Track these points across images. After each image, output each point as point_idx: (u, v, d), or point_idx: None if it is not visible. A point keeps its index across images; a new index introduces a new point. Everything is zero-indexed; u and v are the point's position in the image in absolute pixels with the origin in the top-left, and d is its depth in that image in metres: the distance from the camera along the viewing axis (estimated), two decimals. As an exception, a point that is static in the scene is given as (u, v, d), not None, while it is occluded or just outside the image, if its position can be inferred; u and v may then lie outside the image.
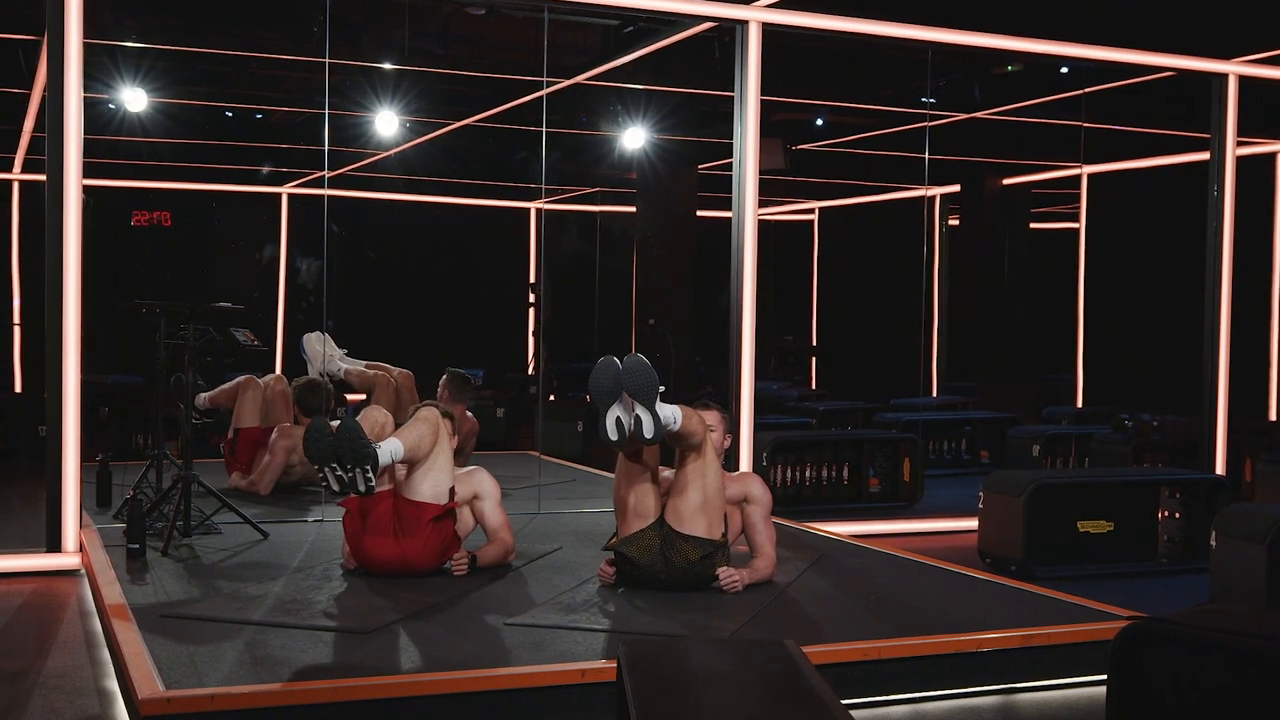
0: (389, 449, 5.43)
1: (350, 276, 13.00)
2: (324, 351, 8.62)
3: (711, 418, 5.72)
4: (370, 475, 5.29)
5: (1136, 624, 3.67)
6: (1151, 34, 8.76)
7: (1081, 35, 8.64)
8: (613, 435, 5.17)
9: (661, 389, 5.16)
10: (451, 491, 5.76)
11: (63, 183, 6.59)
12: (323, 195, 13.00)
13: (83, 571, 6.47)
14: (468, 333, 13.66)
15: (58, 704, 4.47)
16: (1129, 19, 8.71)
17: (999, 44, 8.56)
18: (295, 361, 12.52)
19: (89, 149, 11.06)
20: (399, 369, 8.73)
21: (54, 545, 6.57)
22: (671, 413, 5.18)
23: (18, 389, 12.42)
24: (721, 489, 5.47)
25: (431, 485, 5.69)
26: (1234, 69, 8.98)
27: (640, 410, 5.09)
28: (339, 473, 5.29)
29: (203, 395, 8.27)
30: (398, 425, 6.00)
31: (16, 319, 12.64)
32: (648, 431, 5.10)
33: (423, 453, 5.64)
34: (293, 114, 11.57)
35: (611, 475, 9.37)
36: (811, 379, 16.22)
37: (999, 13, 8.54)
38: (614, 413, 5.15)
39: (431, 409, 5.79)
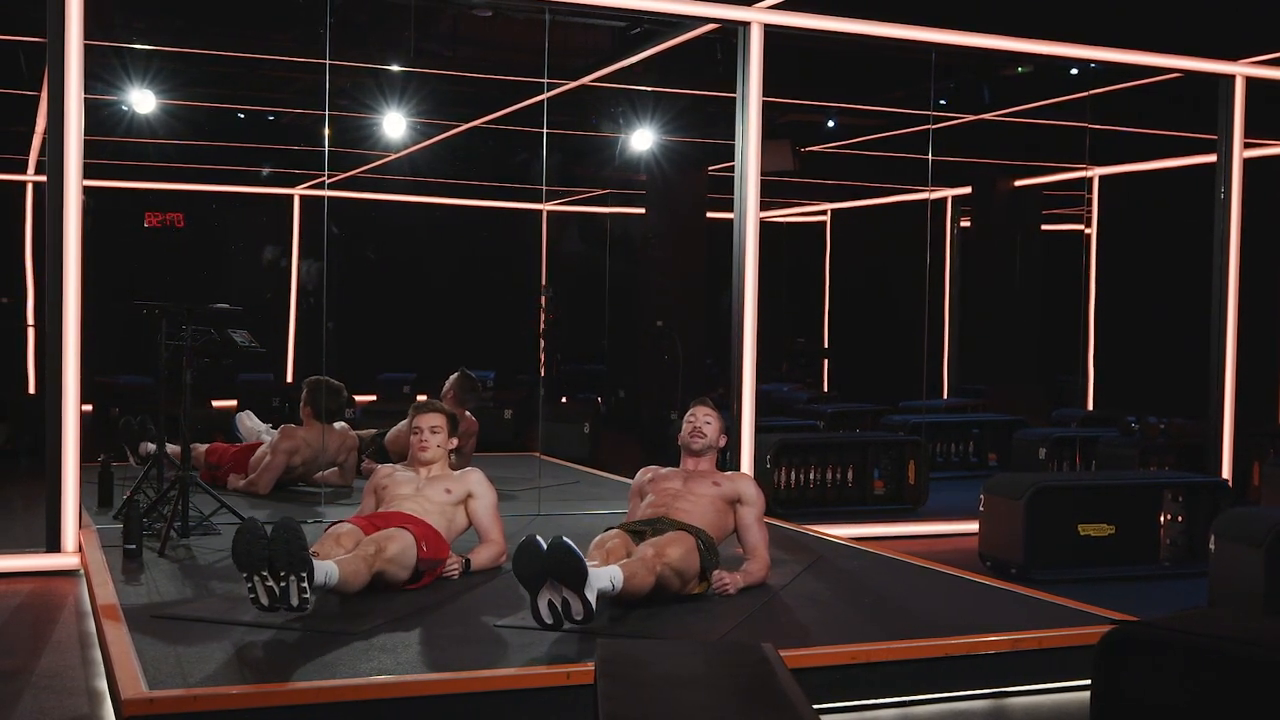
0: (325, 570, 4.93)
1: (359, 278, 13.03)
2: (254, 427, 8.76)
3: (709, 412, 5.75)
4: (306, 588, 4.71)
5: (1120, 628, 3.65)
6: (1158, 35, 8.71)
7: (1087, 36, 8.60)
8: (547, 619, 4.70)
9: (592, 570, 4.71)
10: (417, 550, 5.50)
11: (63, 184, 6.62)
12: (336, 196, 13.12)
13: (82, 572, 6.48)
14: (479, 335, 13.68)
15: (47, 704, 4.49)
16: (1135, 20, 8.67)
17: (1003, 45, 8.52)
18: (306, 364, 12.59)
19: (105, 151, 11.16)
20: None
21: (53, 545, 6.60)
22: (610, 581, 4.80)
23: (31, 390, 12.48)
24: (695, 555, 5.30)
25: (402, 568, 5.42)
26: (1241, 70, 8.92)
27: (568, 594, 4.64)
28: (269, 583, 4.69)
29: (146, 445, 8.27)
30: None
31: (30, 320, 12.71)
32: (577, 615, 4.64)
33: (362, 582, 5.17)
34: (303, 116, 11.62)
35: (614, 477, 9.38)
36: (823, 381, 16.20)
37: (1004, 14, 8.50)
38: (544, 597, 4.68)
39: (365, 545, 5.26)
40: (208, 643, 4.61)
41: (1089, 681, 3.70)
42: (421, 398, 9.02)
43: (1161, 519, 7.34)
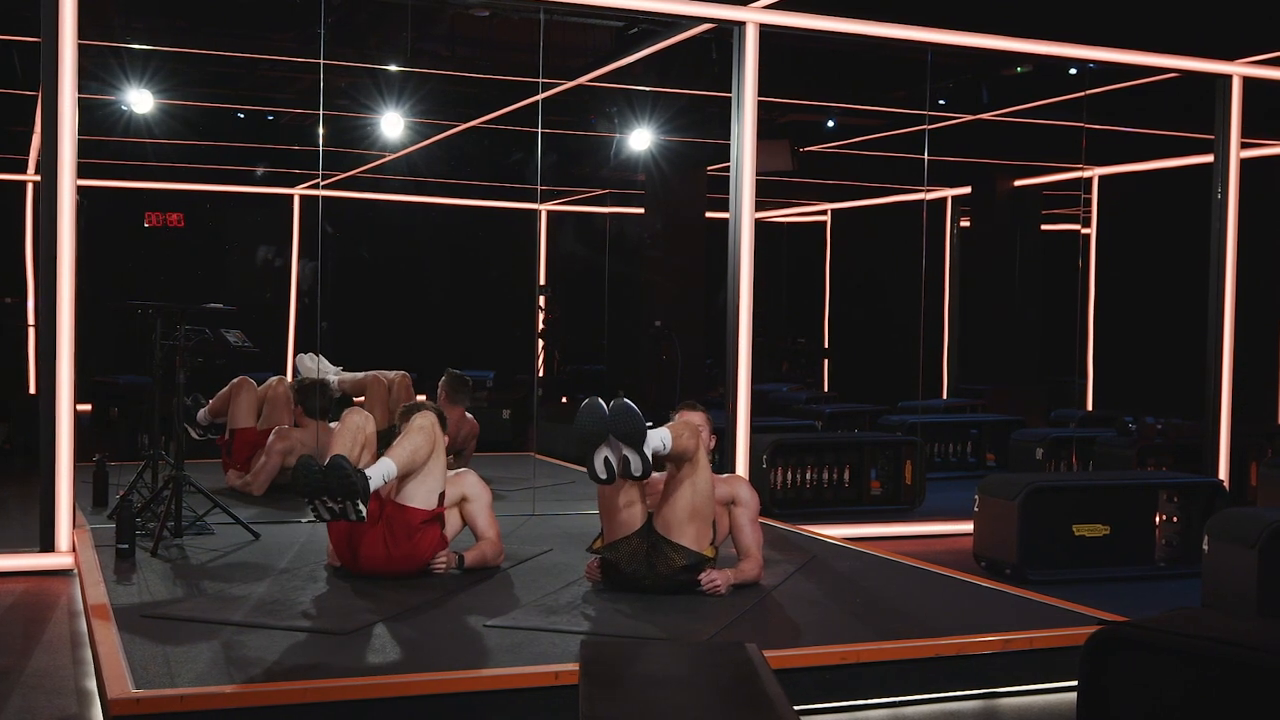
0: (381, 471, 5.39)
1: (356, 278, 13.03)
2: (317, 369, 8.64)
3: (697, 418, 5.72)
4: (362, 507, 5.23)
5: (1106, 629, 3.65)
6: (1155, 35, 8.70)
7: (1084, 36, 8.59)
8: (601, 474, 5.21)
9: (649, 425, 5.17)
10: (442, 496, 5.74)
11: (56, 183, 6.61)
12: (333, 196, 13.12)
13: (75, 571, 6.49)
14: (479, 335, 13.69)
15: (36, 703, 4.49)
16: (1132, 20, 8.66)
17: (998, 45, 8.51)
18: (305, 363, 12.58)
19: (105, 151, 11.16)
20: (396, 371, 8.72)
21: (47, 545, 6.61)
22: (661, 441, 5.18)
23: (32, 390, 12.50)
24: (711, 496, 5.45)
25: (425, 492, 5.65)
26: (1238, 70, 8.91)
27: (628, 451, 5.12)
28: (330, 504, 5.23)
29: (202, 411, 8.34)
30: (391, 426, 5.99)
31: (31, 320, 12.73)
32: (636, 470, 5.15)
33: (418, 464, 5.58)
34: (303, 116, 11.63)
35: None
36: (824, 381, 16.18)
37: (1001, 13, 8.49)
38: (601, 454, 5.18)
39: (428, 415, 5.70)
40: (196, 642, 4.61)
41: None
42: (421, 397, 9.02)
43: (1157, 519, 7.33)
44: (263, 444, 8.28)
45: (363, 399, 8.57)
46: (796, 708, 4.46)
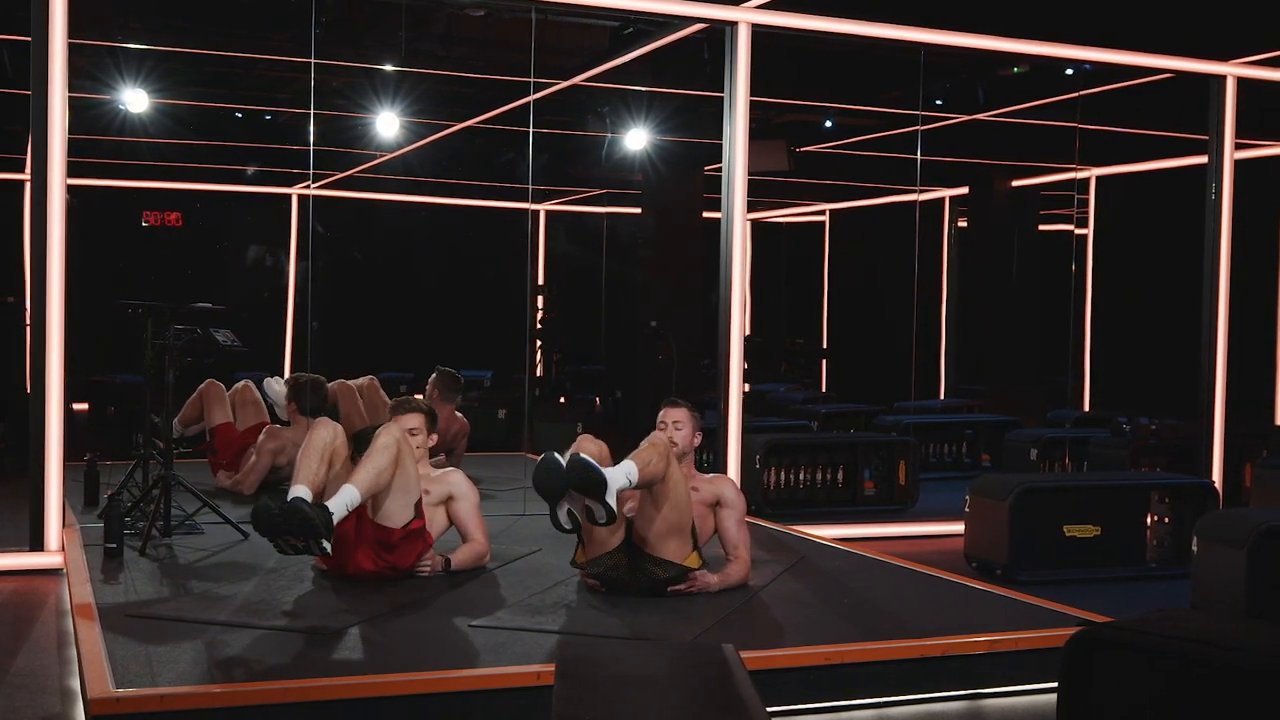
0: (344, 500, 5.25)
1: (351, 278, 13.02)
2: (284, 391, 8.57)
3: (679, 414, 5.71)
4: (326, 545, 5.10)
5: (1086, 630, 3.64)
6: (1149, 35, 8.69)
7: (1078, 37, 8.58)
8: (566, 526, 5.20)
9: (609, 474, 5.04)
10: (418, 504, 5.67)
11: (47, 182, 6.63)
12: (328, 196, 13.11)
13: (65, 570, 6.48)
14: (478, 335, 13.68)
15: (20, 702, 4.50)
16: (1126, 20, 8.65)
17: (992, 45, 8.50)
18: (303, 361, 12.58)
19: (105, 150, 11.16)
20: (363, 378, 8.68)
21: (37, 544, 6.62)
22: (626, 477, 5.08)
23: (29, 390, 12.48)
24: (688, 508, 5.40)
25: (400, 507, 5.56)
26: (1232, 70, 8.89)
27: (590, 502, 5.06)
28: (294, 541, 5.10)
29: (175, 424, 8.31)
30: (369, 426, 5.97)
31: (28, 319, 12.72)
32: (600, 519, 5.09)
33: (384, 484, 5.45)
34: (300, 116, 11.62)
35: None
36: (822, 381, 16.17)
37: (995, 14, 8.48)
38: (563, 508, 5.15)
39: (390, 430, 5.55)
40: (179, 642, 4.60)
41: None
42: (418, 397, 9.01)
43: (1148, 520, 7.32)
44: (245, 440, 8.30)
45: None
46: (782, 708, 4.48)
